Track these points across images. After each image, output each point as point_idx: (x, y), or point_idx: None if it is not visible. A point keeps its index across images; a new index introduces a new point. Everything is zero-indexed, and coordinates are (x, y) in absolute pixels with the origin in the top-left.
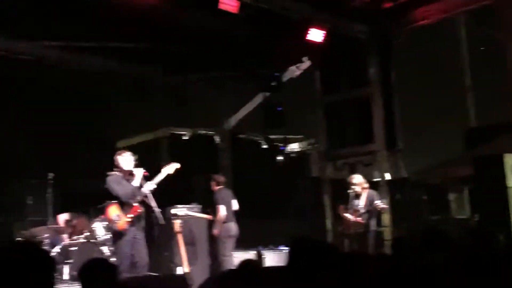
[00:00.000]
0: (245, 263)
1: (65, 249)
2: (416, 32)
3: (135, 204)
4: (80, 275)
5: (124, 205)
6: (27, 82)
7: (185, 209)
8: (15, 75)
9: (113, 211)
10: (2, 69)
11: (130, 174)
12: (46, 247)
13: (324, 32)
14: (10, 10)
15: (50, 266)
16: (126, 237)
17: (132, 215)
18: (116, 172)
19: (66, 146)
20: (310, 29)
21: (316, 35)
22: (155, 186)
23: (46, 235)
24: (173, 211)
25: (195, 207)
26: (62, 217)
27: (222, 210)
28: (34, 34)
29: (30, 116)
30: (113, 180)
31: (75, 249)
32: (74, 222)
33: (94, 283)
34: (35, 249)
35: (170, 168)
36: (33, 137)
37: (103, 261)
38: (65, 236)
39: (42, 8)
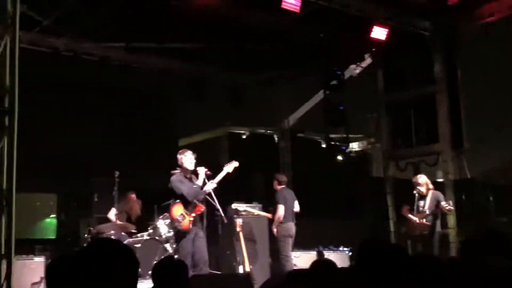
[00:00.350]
0: (318, 263)
1: (129, 246)
2: (482, 29)
3: (199, 204)
4: (153, 273)
5: (188, 204)
6: (92, 82)
7: (244, 205)
8: (80, 75)
9: (178, 210)
10: (68, 69)
11: (192, 172)
12: None
13: (387, 29)
14: (75, 12)
15: (135, 264)
16: (188, 236)
17: (195, 214)
18: (178, 171)
19: (131, 145)
20: (374, 27)
21: (379, 32)
22: (216, 185)
23: (112, 232)
24: (233, 206)
25: (255, 205)
26: (112, 214)
27: (280, 210)
28: (98, 35)
29: (95, 115)
30: (177, 179)
31: (139, 246)
32: (126, 208)
33: (167, 281)
34: (121, 246)
35: (230, 167)
36: (99, 136)
37: (175, 260)
38: (129, 233)
39: (106, 10)
